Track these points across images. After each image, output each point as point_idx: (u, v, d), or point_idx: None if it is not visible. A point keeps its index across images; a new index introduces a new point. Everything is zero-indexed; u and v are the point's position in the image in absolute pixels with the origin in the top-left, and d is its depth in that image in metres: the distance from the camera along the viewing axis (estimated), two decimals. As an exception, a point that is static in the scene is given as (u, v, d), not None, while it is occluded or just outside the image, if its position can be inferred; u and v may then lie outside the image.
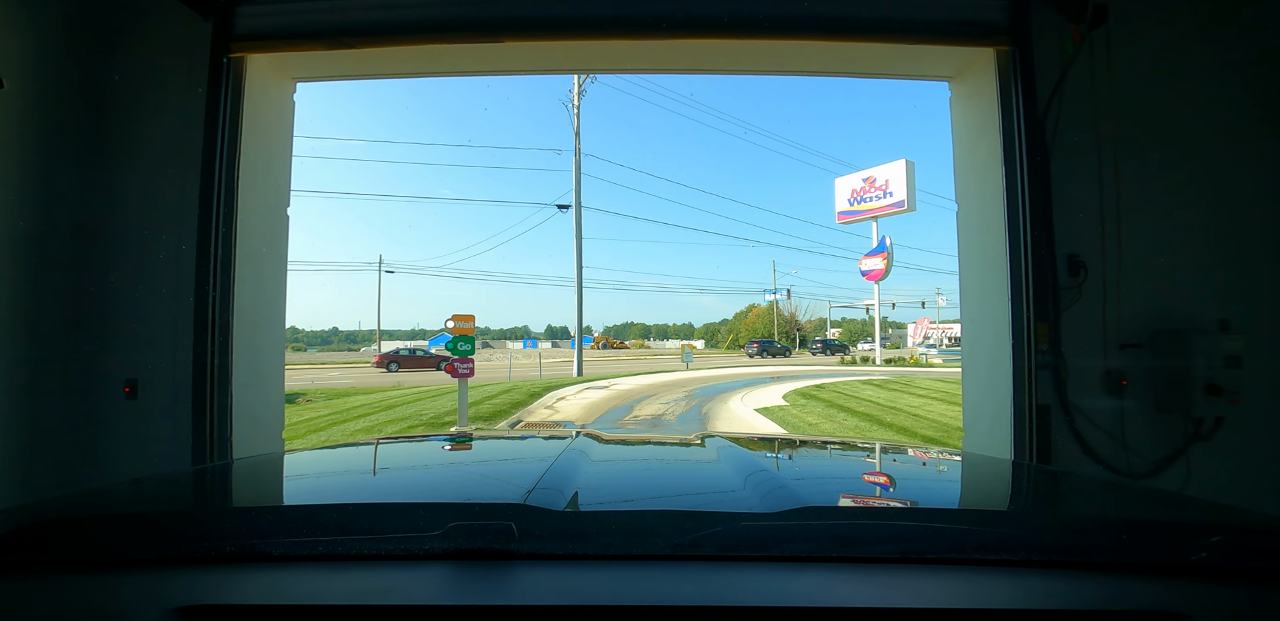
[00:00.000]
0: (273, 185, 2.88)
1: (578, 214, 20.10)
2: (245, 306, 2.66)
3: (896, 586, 0.57)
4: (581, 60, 2.77)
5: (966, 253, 2.90)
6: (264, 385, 2.79)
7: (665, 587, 0.56)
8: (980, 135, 2.80)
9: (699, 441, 1.30)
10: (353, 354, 60.89)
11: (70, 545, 0.66)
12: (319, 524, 0.68)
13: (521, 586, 0.56)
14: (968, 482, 1.07)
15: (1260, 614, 0.57)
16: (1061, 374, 2.44)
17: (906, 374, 17.69)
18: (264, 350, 2.78)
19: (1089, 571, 0.61)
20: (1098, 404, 2.47)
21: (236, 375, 2.58)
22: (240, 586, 0.58)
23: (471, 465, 1.17)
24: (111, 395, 2.50)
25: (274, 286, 2.88)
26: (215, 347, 2.48)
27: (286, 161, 3.01)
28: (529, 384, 13.62)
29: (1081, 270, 2.53)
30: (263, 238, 2.81)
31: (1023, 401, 2.47)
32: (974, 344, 2.85)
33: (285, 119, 2.99)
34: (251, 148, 2.72)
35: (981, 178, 2.79)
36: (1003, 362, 2.57)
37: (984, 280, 2.76)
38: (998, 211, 2.63)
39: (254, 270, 2.74)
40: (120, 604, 0.56)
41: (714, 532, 0.64)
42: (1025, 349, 2.46)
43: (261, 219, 2.80)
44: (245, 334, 2.65)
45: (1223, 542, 0.63)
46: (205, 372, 2.46)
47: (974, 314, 2.85)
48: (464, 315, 6.95)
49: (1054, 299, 2.48)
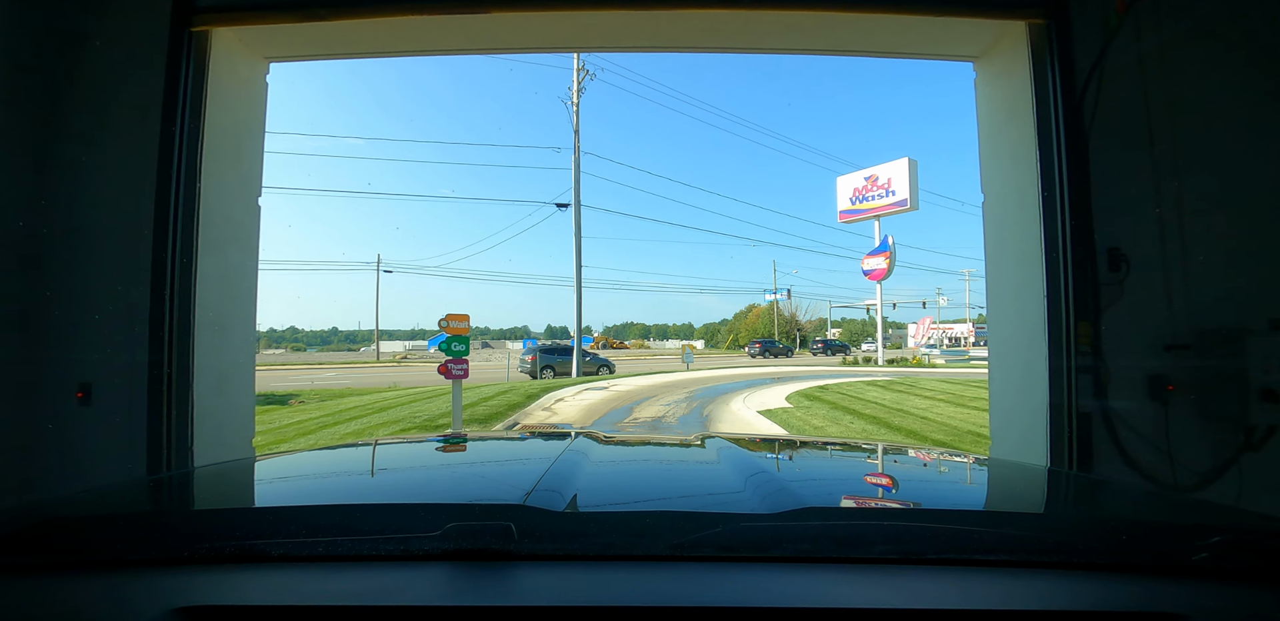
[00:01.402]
0: (242, 173, 2.65)
1: (577, 212, 19.90)
2: (209, 304, 2.44)
3: (896, 587, 0.56)
4: (575, 36, 2.54)
5: (994, 246, 2.67)
6: (230, 389, 2.57)
7: (665, 588, 0.56)
8: (1010, 119, 2.58)
9: (699, 442, 1.29)
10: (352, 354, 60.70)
11: (70, 545, 0.66)
12: (318, 524, 0.66)
13: (521, 587, 0.56)
14: (967, 483, 1.07)
15: (1260, 615, 0.56)
16: (1105, 377, 2.22)
17: (910, 374, 17.47)
18: (230, 351, 2.56)
19: (1088, 572, 0.61)
20: (1143, 410, 2.25)
21: (198, 378, 2.36)
22: (240, 587, 0.58)
23: (471, 466, 1.16)
24: (63, 400, 2.28)
25: (242, 282, 2.66)
26: (172, 349, 2.26)
27: (258, 148, 2.78)
28: (526, 384, 13.40)
29: (1123, 265, 2.30)
30: (230, 229, 2.58)
31: (1061, 407, 2.25)
32: (1003, 345, 2.63)
33: (257, 102, 2.77)
34: (218, 132, 2.50)
35: (1011, 165, 2.56)
36: (1037, 365, 2.34)
37: (1014, 276, 2.53)
38: (1031, 201, 2.40)
39: (219, 265, 2.52)
40: (120, 604, 0.55)
41: (713, 533, 0.63)
42: (1064, 350, 2.24)
43: (229, 209, 2.58)
44: (208, 334, 2.43)
45: (1222, 543, 0.62)
46: (161, 376, 2.24)
47: (1002, 313, 2.63)
48: (458, 314, 6.73)
49: (1095, 296, 2.26)
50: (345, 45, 2.72)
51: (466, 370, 6.75)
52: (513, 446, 1.39)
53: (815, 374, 18.44)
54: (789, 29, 2.54)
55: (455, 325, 6.74)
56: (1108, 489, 1.12)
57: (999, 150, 2.66)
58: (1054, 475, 1.22)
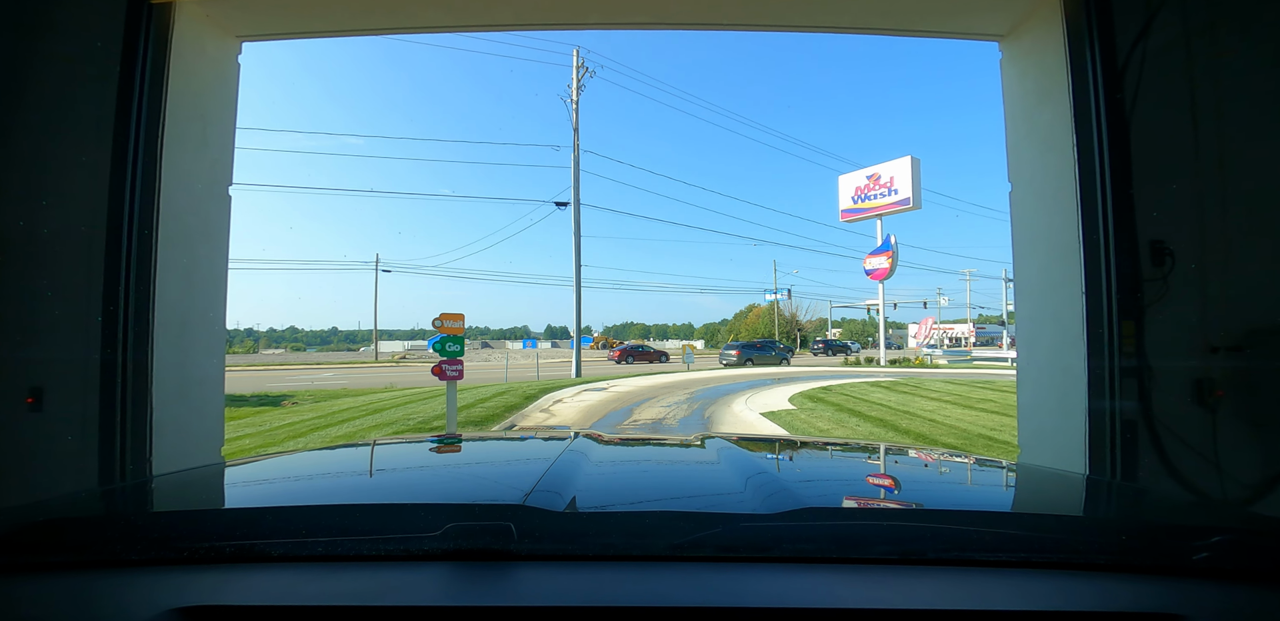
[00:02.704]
0: (209, 160, 2.46)
1: (576, 211, 19.68)
2: (171, 302, 2.24)
3: (896, 587, 0.56)
4: (572, 12, 2.34)
5: (1023, 240, 2.48)
6: (196, 393, 2.37)
7: (664, 588, 0.56)
8: (1041, 102, 2.38)
9: (698, 442, 1.28)
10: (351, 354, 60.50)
11: (70, 545, 0.66)
12: (318, 524, 0.66)
13: (520, 587, 0.56)
14: (967, 484, 1.06)
15: (1260, 615, 0.56)
16: (1151, 381, 2.02)
17: (913, 375, 17.26)
18: (197, 352, 2.36)
19: (1088, 572, 0.61)
20: (1190, 416, 2.05)
21: (159, 383, 2.16)
22: (239, 587, 0.57)
23: (470, 466, 1.15)
24: (12, 406, 2.09)
25: (210, 280, 2.46)
26: (127, 351, 2.06)
27: (228, 134, 2.59)
28: (525, 385, 13.19)
29: (1168, 259, 2.11)
30: (196, 222, 2.39)
31: (1103, 413, 2.05)
32: (1034, 345, 2.43)
33: (227, 84, 2.57)
34: (182, 117, 2.30)
35: (1043, 152, 2.37)
36: (1075, 367, 2.15)
37: (1048, 271, 2.34)
38: (1067, 190, 2.21)
39: (184, 259, 2.32)
40: (120, 604, 0.55)
41: (713, 533, 0.63)
42: (1106, 351, 2.04)
43: (194, 200, 2.38)
44: (171, 334, 2.24)
45: (1222, 543, 0.62)
46: (115, 380, 2.04)
47: (1034, 311, 2.43)
48: (452, 314, 6.53)
49: (1139, 293, 2.07)
50: (323, 21, 2.53)
51: (461, 371, 6.55)
52: (512, 446, 1.37)
53: (816, 374, 18.24)
54: (803, 2, 2.34)
55: (450, 324, 6.54)
56: (1107, 489, 1.09)
57: (1029, 136, 2.46)
58: (1053, 476, 1.20)
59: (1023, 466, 1.36)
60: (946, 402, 9.41)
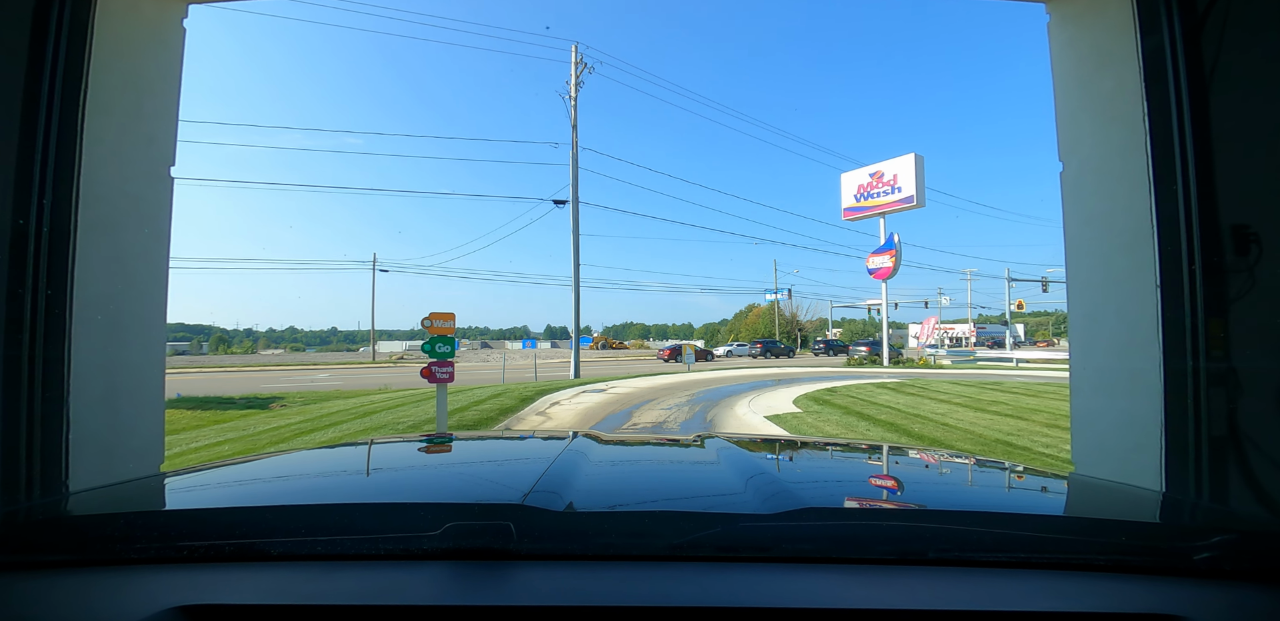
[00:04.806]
0: (145, 136, 2.14)
1: (575, 209, 19.36)
2: (96, 298, 1.93)
3: (896, 587, 0.56)
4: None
5: (1078, 227, 2.16)
6: (128, 402, 2.05)
7: (664, 588, 0.55)
8: (1101, 68, 2.07)
9: (698, 442, 1.29)
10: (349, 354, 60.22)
11: (70, 544, 0.66)
12: (318, 523, 0.65)
13: (520, 586, 0.56)
14: (967, 485, 1.05)
15: (1260, 616, 0.56)
16: (1249, 387, 1.71)
17: (918, 376, 16.95)
18: (128, 354, 2.05)
19: (1088, 572, 0.60)
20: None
21: (78, 389, 1.85)
22: (239, 585, 0.57)
23: (470, 465, 1.15)
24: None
25: (148, 271, 2.15)
26: (35, 352, 1.75)
27: (171, 108, 2.27)
28: (521, 387, 12.88)
29: (1254, 246, 1.80)
30: (128, 206, 2.07)
31: (1184, 425, 1.75)
32: (1090, 346, 2.12)
33: (168, 49, 2.25)
34: (111, 86, 1.99)
35: (1103, 126, 2.06)
36: (1147, 372, 1.85)
37: (1109, 261, 2.03)
38: (1135, 169, 1.90)
39: (114, 249, 2.01)
40: (121, 602, 0.55)
41: (712, 533, 0.63)
42: (1189, 353, 1.74)
43: (127, 180, 2.07)
44: (96, 333, 1.93)
45: (1222, 544, 0.62)
46: (20, 386, 1.73)
47: (1091, 307, 2.11)
48: (442, 313, 6.23)
49: (1224, 286, 1.76)
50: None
51: (452, 374, 6.25)
52: (512, 446, 1.37)
53: (819, 375, 17.92)
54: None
55: (440, 324, 6.24)
56: (1107, 490, 1.08)
57: (1085, 108, 2.14)
58: (1053, 477, 1.18)
59: (1022, 467, 1.30)
60: (956, 405, 9.09)
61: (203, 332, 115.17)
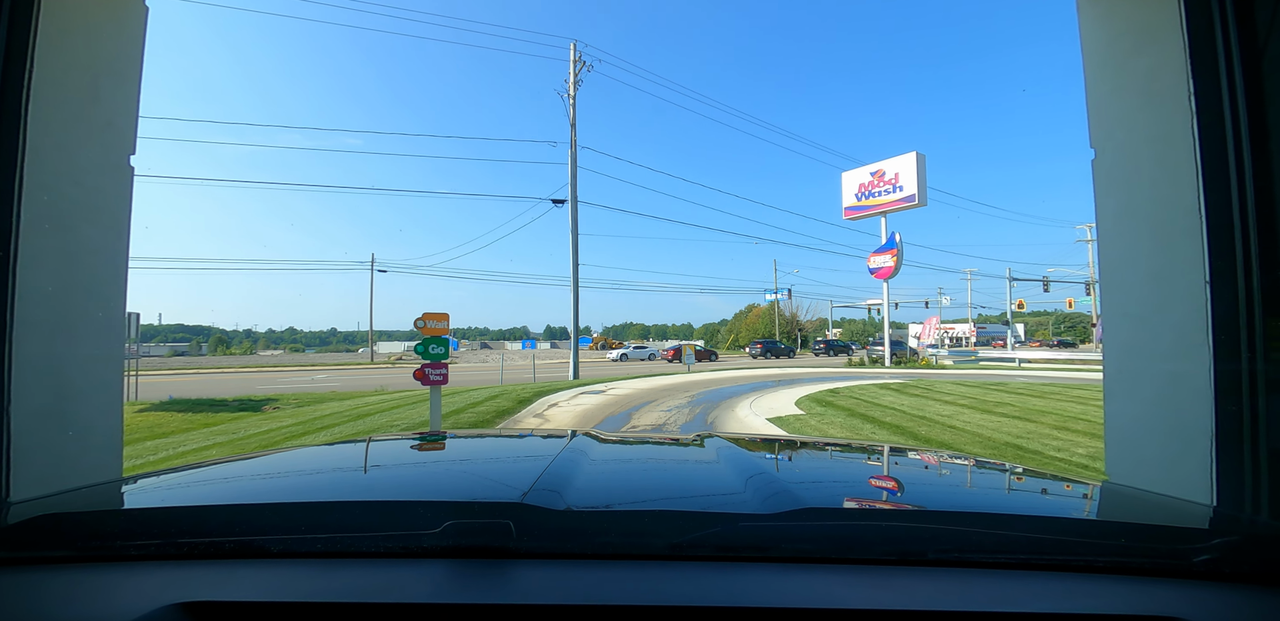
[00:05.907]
0: (101, 122, 1.97)
1: (573, 209, 19.18)
2: (41, 297, 1.77)
3: (895, 588, 0.56)
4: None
5: (1114, 218, 2.00)
6: (79, 409, 1.89)
7: (663, 587, 0.55)
8: (1140, 44, 1.91)
9: (698, 442, 1.29)
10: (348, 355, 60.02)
11: (70, 540, 0.65)
12: (318, 521, 0.66)
13: (519, 585, 0.56)
14: (967, 486, 1.04)
15: (1259, 618, 0.55)
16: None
17: (920, 376, 16.78)
18: (79, 357, 1.88)
19: (1088, 574, 0.60)
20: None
21: (20, 395, 1.69)
22: (239, 582, 0.57)
23: (470, 464, 1.13)
24: None
25: (103, 269, 1.98)
26: (-30, 358, 1.58)
27: (130, 93, 2.10)
28: (519, 388, 12.71)
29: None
30: (81, 196, 1.91)
31: (1237, 431, 1.59)
32: (1128, 347, 1.95)
33: (127, 28, 2.09)
34: (60, 67, 1.83)
35: (1143, 107, 1.89)
36: (1193, 374, 1.69)
37: (1149, 256, 1.86)
38: (1180, 155, 1.74)
39: (64, 245, 1.85)
40: (120, 599, 0.55)
41: (712, 533, 0.63)
42: (1243, 354, 1.58)
43: (79, 169, 1.90)
44: (40, 336, 1.76)
45: (1221, 546, 0.62)
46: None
47: (1128, 305, 1.95)
48: (436, 314, 6.06)
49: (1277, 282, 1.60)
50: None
51: (446, 375, 6.09)
52: (512, 444, 1.37)
53: (821, 375, 17.75)
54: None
55: (433, 325, 6.06)
56: (1107, 491, 1.05)
57: (1121, 89, 1.98)
58: (1052, 478, 1.16)
59: (1021, 468, 1.26)
60: (962, 406, 8.93)
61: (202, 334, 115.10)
